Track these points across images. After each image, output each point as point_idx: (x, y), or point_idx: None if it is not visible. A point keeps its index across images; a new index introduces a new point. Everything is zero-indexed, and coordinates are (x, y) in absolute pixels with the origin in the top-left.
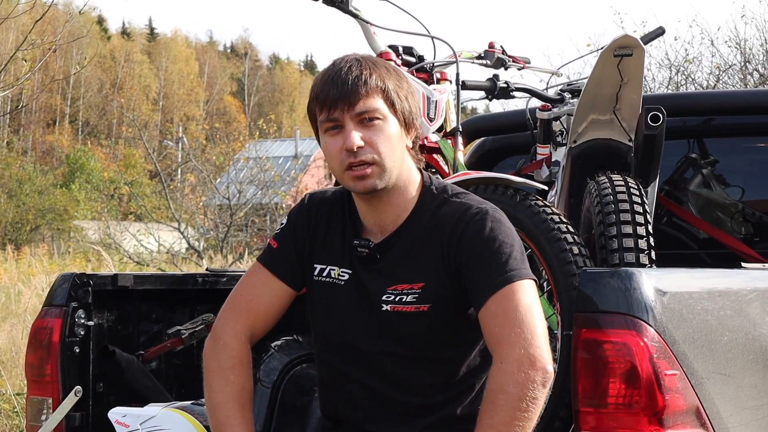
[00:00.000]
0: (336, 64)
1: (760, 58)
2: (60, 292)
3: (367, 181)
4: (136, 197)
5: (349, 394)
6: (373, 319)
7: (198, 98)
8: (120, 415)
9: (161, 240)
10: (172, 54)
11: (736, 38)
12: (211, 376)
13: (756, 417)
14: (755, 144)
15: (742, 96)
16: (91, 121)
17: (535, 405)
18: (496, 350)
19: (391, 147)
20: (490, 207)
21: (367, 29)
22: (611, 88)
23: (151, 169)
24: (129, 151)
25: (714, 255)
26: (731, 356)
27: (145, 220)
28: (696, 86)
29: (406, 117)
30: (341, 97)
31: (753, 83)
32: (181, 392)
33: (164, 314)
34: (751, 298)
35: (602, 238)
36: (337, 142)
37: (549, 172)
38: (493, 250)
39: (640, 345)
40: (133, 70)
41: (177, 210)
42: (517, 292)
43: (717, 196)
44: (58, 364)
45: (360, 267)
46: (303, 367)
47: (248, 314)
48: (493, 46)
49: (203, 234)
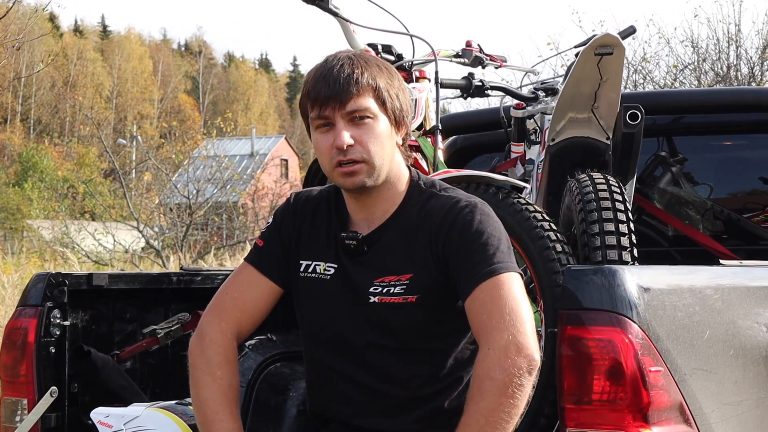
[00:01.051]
0: (328, 62)
1: (713, 58)
2: (35, 292)
3: (356, 178)
4: (93, 196)
5: (338, 389)
6: (361, 311)
7: (152, 96)
8: (103, 415)
9: (120, 239)
10: (126, 52)
11: (691, 38)
12: (198, 373)
13: (737, 412)
14: (723, 142)
15: (711, 94)
16: (44, 119)
17: (521, 392)
18: (483, 337)
19: (380, 145)
20: (479, 201)
21: (346, 27)
22: (590, 87)
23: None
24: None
25: (684, 252)
26: (712, 352)
27: (103, 219)
28: (654, 85)
29: (396, 115)
30: (332, 95)
31: (707, 82)
32: (155, 392)
33: (139, 314)
34: (730, 294)
35: (585, 236)
36: (327, 139)
37: (524, 170)
38: (481, 242)
39: (624, 342)
40: (86, 68)
41: (136, 209)
42: (504, 283)
43: (686, 194)
44: (33, 365)
45: (347, 260)
46: (277, 366)
47: (234, 312)
48: (470, 44)
49: (161, 233)
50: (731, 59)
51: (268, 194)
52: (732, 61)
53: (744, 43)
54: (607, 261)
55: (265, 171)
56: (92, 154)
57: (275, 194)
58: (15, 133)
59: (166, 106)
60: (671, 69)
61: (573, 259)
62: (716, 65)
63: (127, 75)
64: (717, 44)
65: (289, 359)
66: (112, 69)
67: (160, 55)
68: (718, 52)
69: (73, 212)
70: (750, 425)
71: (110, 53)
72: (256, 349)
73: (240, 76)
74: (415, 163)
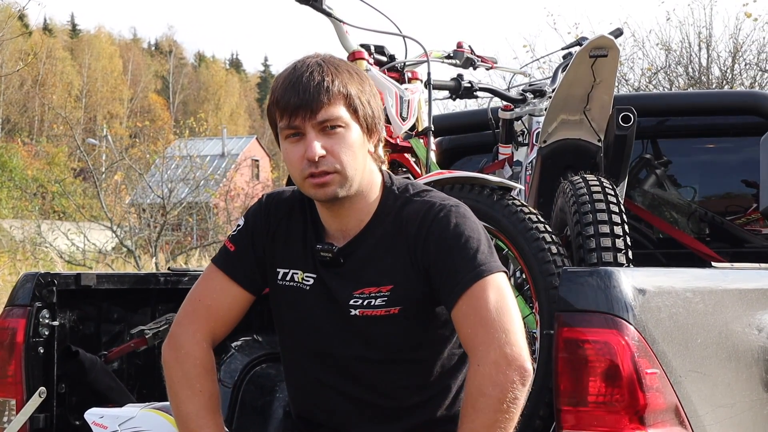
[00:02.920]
0: (297, 68)
1: (685, 61)
2: (23, 292)
3: (328, 189)
4: (66, 195)
5: (324, 400)
6: (343, 324)
7: (122, 96)
8: (97, 416)
9: (93, 239)
10: (96, 51)
11: (664, 41)
12: (177, 387)
13: (730, 414)
14: (706, 145)
15: (695, 97)
16: (12, 118)
17: (515, 405)
18: (471, 352)
19: (353, 155)
20: (453, 202)
21: (339, 28)
22: (583, 89)
23: (75, 167)
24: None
25: (668, 254)
26: (706, 355)
27: (77, 218)
28: (629, 88)
29: (368, 123)
30: (302, 104)
31: (680, 85)
32: (143, 393)
33: (126, 314)
34: (723, 297)
35: (579, 238)
36: (298, 150)
37: (511, 171)
38: (459, 246)
39: (621, 344)
40: (55, 66)
41: (109, 209)
42: (486, 289)
43: (670, 196)
44: (22, 365)
45: (324, 272)
46: (263, 367)
47: (207, 320)
48: (461, 45)
49: (134, 233)
50: (703, 62)
51: (240, 194)
52: (704, 64)
53: (716, 46)
54: (603, 263)
55: (237, 171)
56: (62, 154)
57: (247, 195)
58: None
59: (136, 105)
60: (645, 72)
61: (568, 261)
62: (688, 68)
63: (96, 74)
64: (689, 47)
65: (276, 360)
66: (82, 68)
67: (130, 54)
68: (690, 55)
69: (44, 212)
70: (744, 427)
71: (80, 52)
72: (242, 350)
73: (211, 76)
74: (407, 164)
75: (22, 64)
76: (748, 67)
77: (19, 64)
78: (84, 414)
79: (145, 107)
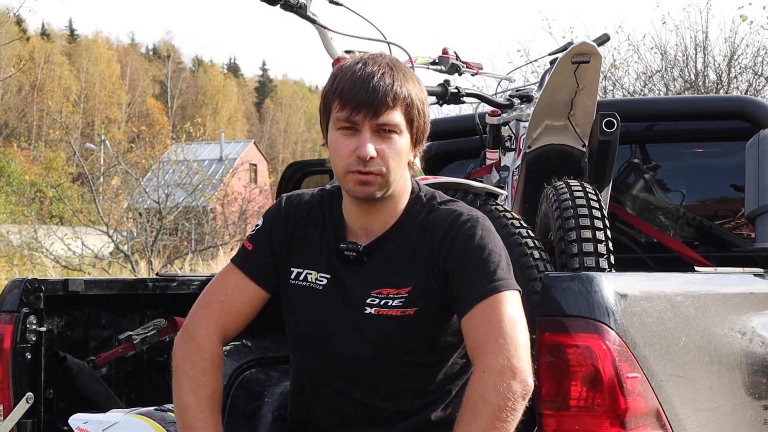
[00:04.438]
0: (368, 65)
1: (680, 64)
2: (11, 298)
3: (369, 188)
4: (62, 200)
5: (325, 400)
6: (354, 324)
7: (120, 101)
8: (81, 421)
9: (89, 244)
10: (93, 56)
11: (659, 45)
12: (182, 378)
13: (712, 418)
14: (694, 149)
15: (683, 102)
16: (11, 123)
17: (513, 416)
18: (478, 359)
19: (399, 161)
20: (481, 215)
21: (324, 34)
22: (567, 95)
23: (72, 172)
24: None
25: (657, 258)
26: (688, 359)
27: (73, 223)
28: (624, 92)
29: (419, 134)
30: (368, 103)
31: (676, 89)
32: (131, 398)
33: (114, 319)
34: (705, 301)
35: (562, 243)
36: (349, 144)
37: (499, 176)
38: (482, 258)
39: (602, 348)
40: (54, 71)
41: (105, 214)
42: (502, 303)
43: (659, 201)
44: (9, 371)
45: (342, 270)
46: (252, 372)
47: (221, 315)
48: (446, 51)
49: (132, 238)
50: (699, 66)
51: (238, 199)
52: (700, 68)
53: (712, 50)
54: (585, 268)
55: (235, 176)
56: (60, 159)
57: (244, 199)
58: None
59: (134, 110)
60: (640, 75)
61: (551, 266)
62: (684, 72)
63: (94, 79)
64: (685, 51)
65: (264, 365)
66: (80, 73)
67: (128, 59)
68: (686, 58)
69: (41, 217)
70: (726, 430)
71: (78, 57)
72: (231, 355)
73: (208, 80)
74: None
75: (13, 71)
76: (744, 71)
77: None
78: (68, 419)
79: (143, 112)
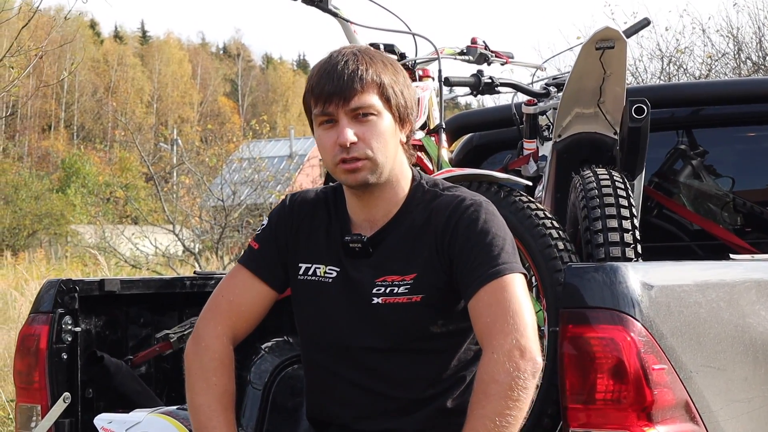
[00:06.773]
0: (332, 57)
1: (753, 46)
2: (46, 299)
3: (359, 175)
4: (129, 201)
5: (339, 393)
6: (364, 313)
7: (192, 100)
8: (106, 421)
9: (157, 243)
10: (165, 56)
11: (728, 27)
12: (193, 379)
13: (747, 410)
14: (745, 134)
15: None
16: (86, 125)
17: (525, 394)
18: (486, 340)
19: (384, 142)
20: (483, 199)
21: (347, 27)
22: (594, 82)
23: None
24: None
25: (705, 246)
26: (720, 349)
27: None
28: (688, 76)
29: (401, 112)
30: (336, 92)
31: (746, 71)
32: (171, 396)
33: (152, 318)
34: (739, 289)
35: (587, 233)
36: (330, 136)
37: (536, 166)
38: (486, 242)
39: (627, 340)
40: (127, 73)
41: (172, 212)
42: (508, 285)
43: (707, 187)
44: (45, 371)
45: (349, 263)
46: (294, 369)
47: (230, 315)
48: (475, 41)
49: (199, 236)
50: None
51: None
52: None
53: None
54: (610, 258)
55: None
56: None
57: None
58: (59, 139)
59: (206, 109)
60: (706, 59)
61: (575, 256)
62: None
63: (166, 79)
64: (756, 33)
65: None
66: (152, 74)
67: (199, 58)
68: (759, 40)
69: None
70: (761, 422)
71: (150, 58)
72: (272, 352)
73: (278, 77)
74: (419, 162)
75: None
76: None
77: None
78: (94, 419)
79: (215, 110)
